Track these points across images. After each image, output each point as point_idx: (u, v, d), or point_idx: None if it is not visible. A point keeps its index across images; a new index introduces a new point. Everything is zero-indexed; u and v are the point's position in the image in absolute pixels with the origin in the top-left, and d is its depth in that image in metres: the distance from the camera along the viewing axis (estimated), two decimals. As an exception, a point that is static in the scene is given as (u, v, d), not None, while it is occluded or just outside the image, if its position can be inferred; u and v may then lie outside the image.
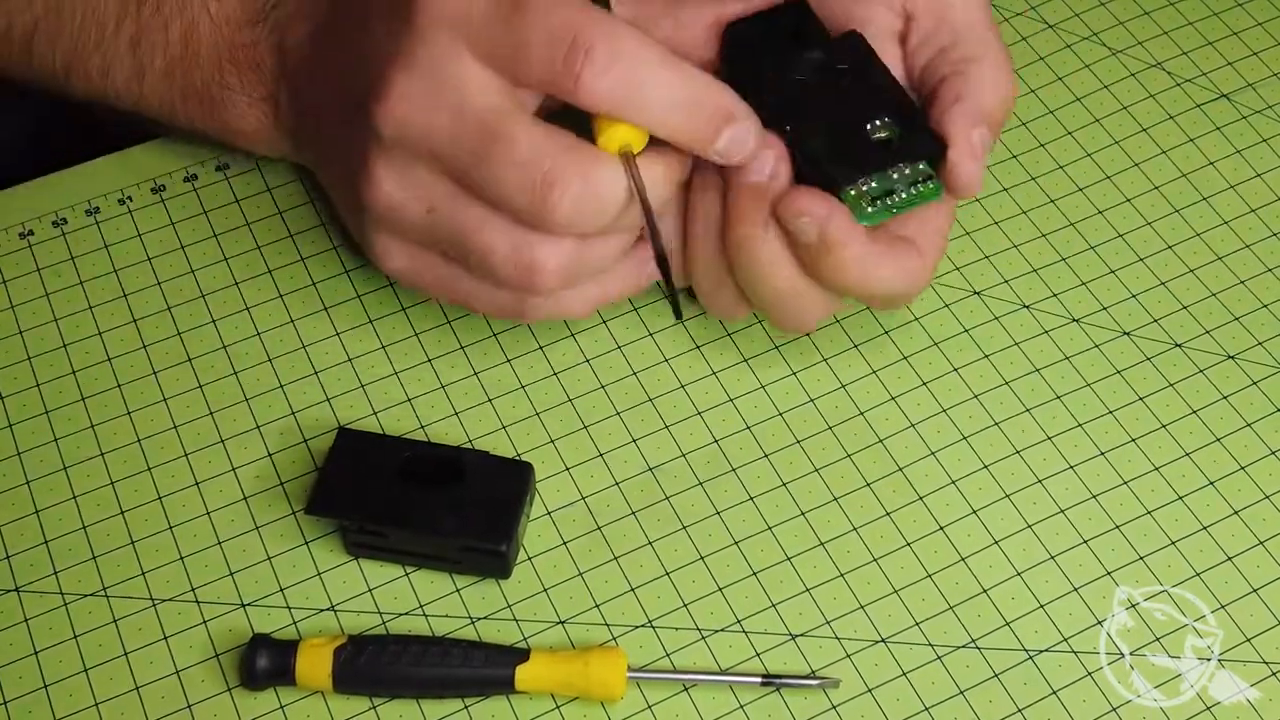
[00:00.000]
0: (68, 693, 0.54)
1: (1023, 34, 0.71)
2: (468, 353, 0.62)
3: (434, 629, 0.56)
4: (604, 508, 0.58)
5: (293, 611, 0.56)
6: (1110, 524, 0.58)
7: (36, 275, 0.64)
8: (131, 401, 0.60)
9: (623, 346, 0.62)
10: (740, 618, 0.56)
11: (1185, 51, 0.71)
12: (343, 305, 0.63)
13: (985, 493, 0.59)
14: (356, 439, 0.57)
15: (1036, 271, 0.64)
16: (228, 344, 0.62)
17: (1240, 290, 0.64)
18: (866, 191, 0.55)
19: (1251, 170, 0.67)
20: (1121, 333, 0.63)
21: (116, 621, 0.56)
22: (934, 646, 0.55)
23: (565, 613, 0.56)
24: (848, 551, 0.57)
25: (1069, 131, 0.68)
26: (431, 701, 0.54)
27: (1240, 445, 0.60)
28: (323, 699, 0.54)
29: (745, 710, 0.54)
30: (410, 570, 0.57)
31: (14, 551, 0.57)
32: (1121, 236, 0.65)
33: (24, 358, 0.62)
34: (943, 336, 0.62)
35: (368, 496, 0.56)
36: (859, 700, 0.54)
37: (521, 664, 0.53)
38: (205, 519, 0.58)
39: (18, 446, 0.59)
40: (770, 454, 0.60)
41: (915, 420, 0.60)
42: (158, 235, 0.65)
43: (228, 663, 0.55)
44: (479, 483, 0.56)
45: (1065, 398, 0.61)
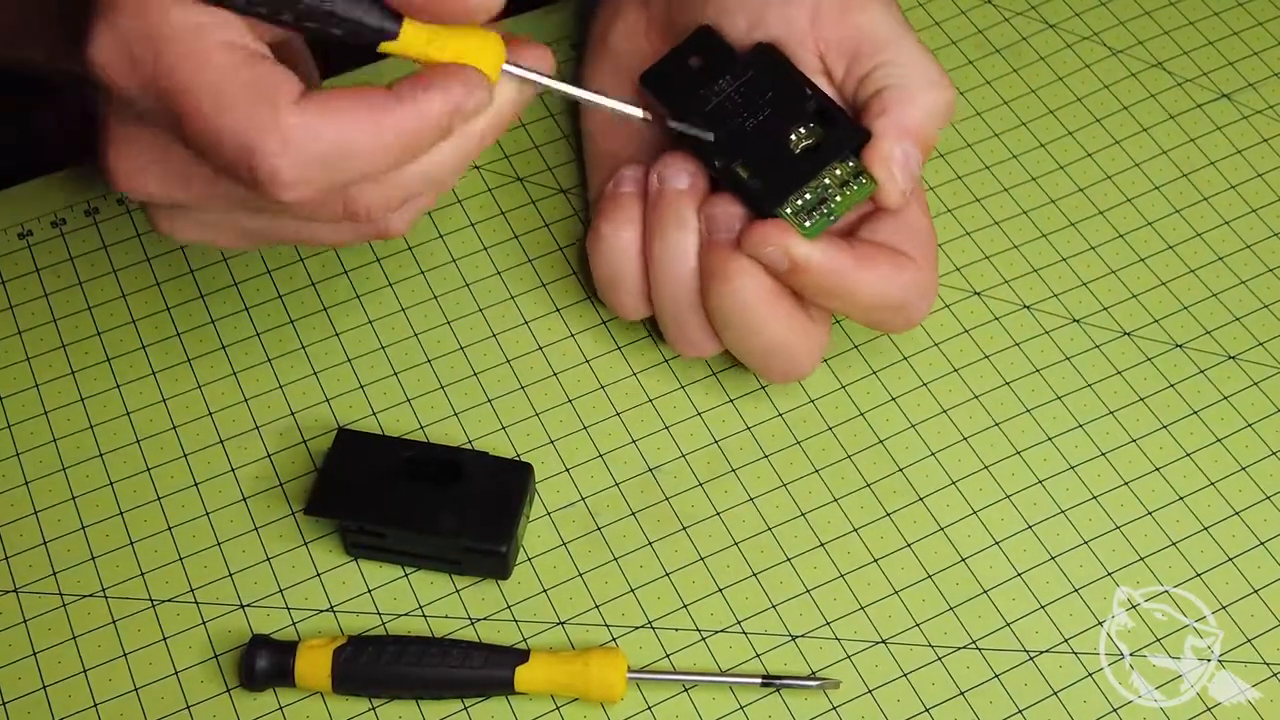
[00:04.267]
0: (67, 694, 0.54)
1: (1023, 34, 0.71)
2: (467, 353, 0.62)
3: (433, 630, 0.56)
4: (604, 508, 0.58)
5: (292, 612, 0.56)
6: (1111, 524, 0.58)
7: (35, 275, 0.64)
8: (130, 402, 0.60)
9: (623, 347, 0.62)
10: (740, 618, 0.56)
11: (1186, 51, 0.71)
12: (342, 305, 0.63)
13: (986, 493, 0.59)
14: (356, 439, 0.57)
15: (1037, 272, 0.64)
16: (227, 344, 0.62)
17: (1241, 290, 0.64)
18: (802, 206, 0.56)
19: (1252, 170, 0.67)
20: (1122, 333, 0.63)
21: (116, 622, 0.56)
22: (934, 647, 0.55)
23: (565, 613, 0.56)
24: (848, 552, 0.57)
25: (1069, 131, 0.68)
26: (431, 702, 0.54)
27: (1241, 446, 0.60)
28: (322, 700, 0.54)
29: (745, 711, 0.54)
30: (410, 571, 0.57)
31: (13, 552, 0.57)
32: (1122, 237, 0.65)
33: (23, 358, 0.61)
34: (943, 337, 0.62)
35: (367, 497, 0.56)
36: (859, 701, 0.54)
37: (521, 665, 0.53)
38: (204, 519, 0.58)
39: (17, 447, 0.59)
40: (770, 454, 0.59)
41: (915, 421, 0.60)
42: (157, 235, 0.65)
43: (227, 663, 0.55)
44: (479, 483, 0.56)
45: (1066, 398, 0.61)
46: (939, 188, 0.66)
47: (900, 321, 0.58)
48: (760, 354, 0.58)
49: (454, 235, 0.65)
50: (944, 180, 0.67)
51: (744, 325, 0.57)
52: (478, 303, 0.63)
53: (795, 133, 0.56)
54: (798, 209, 0.55)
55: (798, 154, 0.56)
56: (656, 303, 0.58)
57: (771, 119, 0.57)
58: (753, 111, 0.57)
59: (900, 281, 0.56)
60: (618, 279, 0.59)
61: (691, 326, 0.58)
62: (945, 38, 0.71)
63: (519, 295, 0.63)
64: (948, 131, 0.68)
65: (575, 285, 0.63)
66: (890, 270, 0.56)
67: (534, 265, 0.64)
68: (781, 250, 0.55)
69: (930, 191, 0.66)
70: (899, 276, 0.56)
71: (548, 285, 0.63)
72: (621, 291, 0.59)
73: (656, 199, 0.58)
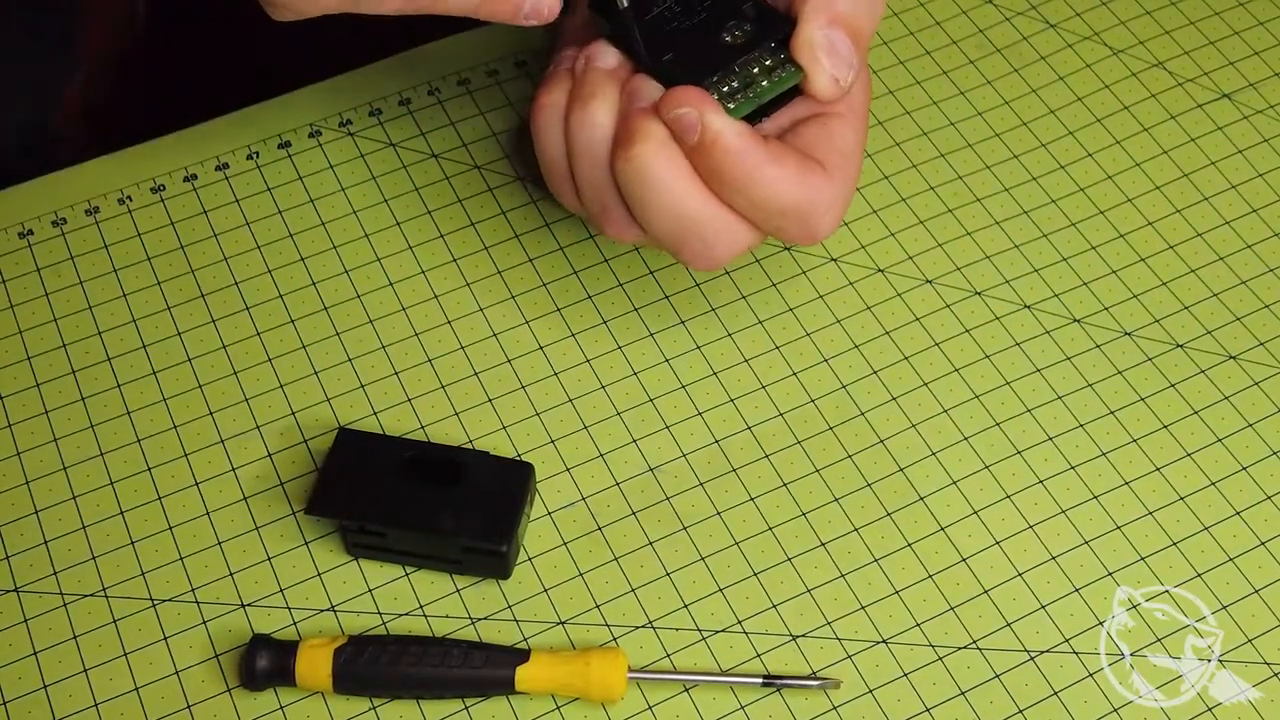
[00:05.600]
0: (67, 693, 0.54)
1: (1024, 33, 0.71)
2: (468, 353, 0.62)
3: (434, 629, 0.56)
4: (604, 508, 0.58)
5: (293, 612, 0.56)
6: (1111, 524, 0.58)
7: (36, 275, 0.64)
8: (131, 401, 0.60)
9: (623, 347, 0.62)
10: (741, 618, 0.56)
11: (1187, 51, 0.71)
12: (343, 305, 0.63)
13: (986, 493, 0.59)
14: (357, 439, 0.57)
15: (1038, 271, 0.64)
16: (228, 344, 0.62)
17: (1242, 290, 0.64)
18: (728, 92, 0.56)
19: (1253, 170, 0.67)
20: (1123, 333, 0.63)
21: (116, 622, 0.56)
22: (935, 647, 0.55)
23: (565, 613, 0.56)
24: (848, 552, 0.57)
25: (1070, 131, 0.68)
26: (432, 702, 0.54)
27: (1242, 445, 0.60)
28: (323, 699, 0.54)
29: (746, 711, 0.54)
30: (410, 570, 0.57)
31: (14, 552, 0.57)
32: (1123, 236, 0.65)
33: (23, 357, 0.61)
34: (944, 337, 0.62)
35: (368, 497, 0.56)
36: (860, 701, 0.54)
37: (522, 664, 0.53)
38: (205, 519, 0.58)
39: (17, 446, 0.59)
40: (771, 454, 0.59)
41: (916, 421, 0.60)
42: (157, 235, 0.65)
43: (227, 663, 0.55)
44: (479, 483, 0.56)
45: (1066, 398, 0.61)
46: (940, 187, 0.66)
47: (799, 232, 0.56)
48: (671, 235, 0.56)
49: (454, 235, 0.65)
50: (945, 180, 0.67)
51: (648, 195, 0.55)
52: (478, 302, 0.63)
53: (731, 34, 0.57)
54: (724, 94, 0.56)
55: (729, 49, 0.56)
56: (575, 177, 0.58)
57: (708, 21, 0.57)
58: (691, 16, 0.57)
59: (804, 185, 0.55)
60: (550, 157, 0.59)
61: (609, 203, 0.57)
62: (946, 37, 0.71)
63: (519, 295, 0.63)
64: (949, 131, 0.68)
65: (576, 284, 0.63)
66: (796, 173, 0.55)
67: (534, 265, 0.64)
68: (696, 115, 0.54)
69: (931, 191, 0.66)
70: (804, 180, 0.55)
71: (548, 285, 0.63)
72: (554, 175, 0.59)
73: (581, 74, 0.58)
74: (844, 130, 0.57)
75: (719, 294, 0.63)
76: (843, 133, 0.57)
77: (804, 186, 0.55)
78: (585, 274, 0.64)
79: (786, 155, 0.55)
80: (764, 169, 0.55)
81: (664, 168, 0.55)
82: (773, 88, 0.56)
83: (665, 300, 0.63)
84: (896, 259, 0.64)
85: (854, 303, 0.63)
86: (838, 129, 0.57)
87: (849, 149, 0.57)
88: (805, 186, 0.55)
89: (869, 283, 0.64)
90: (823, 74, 0.56)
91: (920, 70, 0.70)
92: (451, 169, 0.67)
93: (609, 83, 0.57)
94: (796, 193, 0.55)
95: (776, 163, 0.55)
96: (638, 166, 0.55)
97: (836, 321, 0.62)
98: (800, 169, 0.55)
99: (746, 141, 0.54)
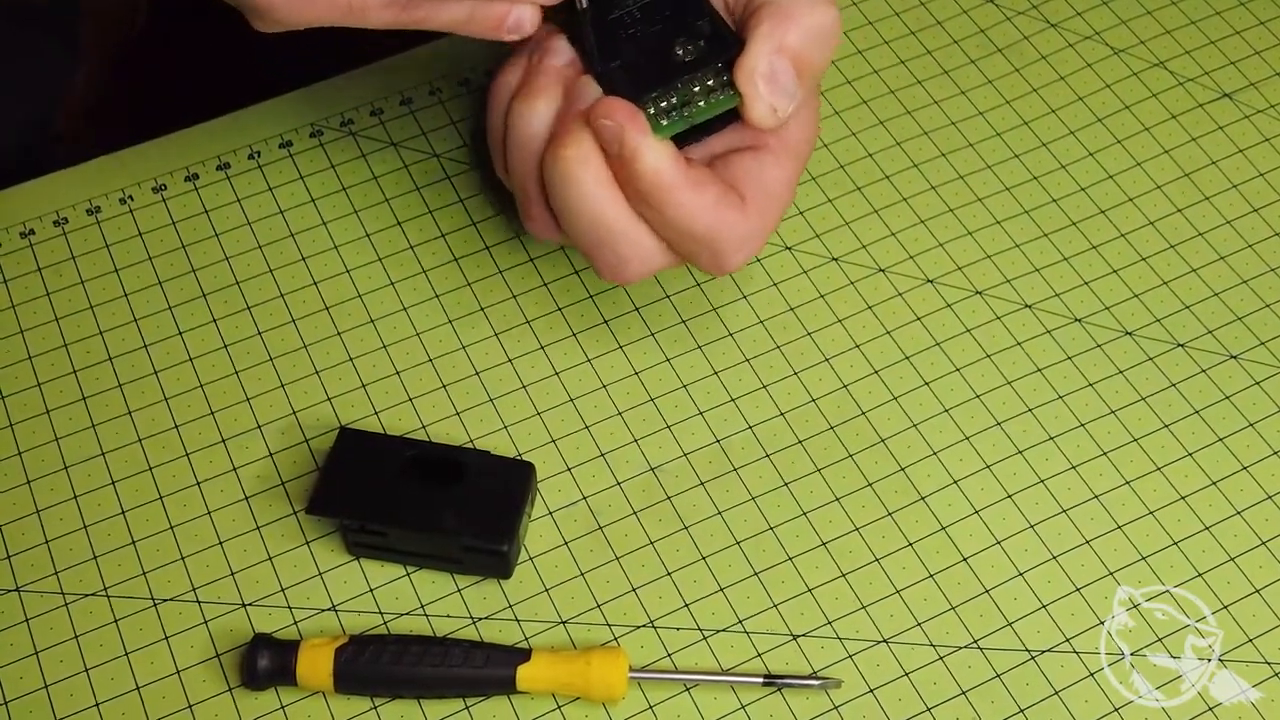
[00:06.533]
0: (68, 693, 0.54)
1: (1025, 33, 0.71)
2: (469, 352, 0.62)
3: (435, 629, 0.56)
4: (605, 507, 0.58)
5: (294, 611, 0.56)
6: (1112, 524, 0.58)
7: (37, 274, 0.64)
8: (132, 401, 0.60)
9: (624, 346, 0.62)
10: (742, 618, 0.56)
11: (1187, 50, 0.71)
12: (344, 305, 0.63)
13: (987, 493, 0.59)
14: (357, 439, 0.57)
15: (1038, 271, 0.64)
16: (228, 343, 0.62)
17: (1243, 290, 0.64)
18: (665, 108, 0.56)
19: (1254, 169, 0.67)
20: (1124, 332, 0.63)
21: (117, 621, 0.56)
22: (936, 647, 0.55)
23: (566, 613, 0.56)
24: (849, 551, 0.57)
25: (1071, 131, 0.68)
26: (432, 701, 0.54)
27: (1242, 445, 0.60)
28: (324, 699, 0.54)
29: (747, 710, 0.54)
30: (411, 570, 0.57)
31: (14, 551, 0.57)
32: (1124, 236, 0.65)
33: (25, 357, 0.62)
34: (944, 336, 0.62)
35: (369, 496, 0.56)
36: (861, 700, 0.54)
37: (523, 664, 0.53)
38: (206, 519, 0.58)
39: (18, 446, 0.59)
40: (771, 454, 0.59)
41: (917, 420, 0.60)
42: (158, 234, 0.65)
43: (229, 663, 0.55)
44: (480, 482, 0.56)
45: (1067, 397, 0.61)
46: (941, 187, 0.66)
47: (709, 261, 0.56)
48: (587, 241, 0.56)
49: (455, 234, 0.65)
50: (946, 179, 0.67)
51: (569, 196, 0.56)
52: (479, 301, 0.63)
53: (683, 48, 0.56)
54: (660, 110, 0.55)
55: (676, 65, 0.56)
56: (508, 160, 0.58)
57: (663, 33, 0.57)
58: (648, 27, 0.57)
59: (718, 216, 0.55)
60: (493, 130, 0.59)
61: (533, 194, 0.58)
62: (947, 37, 0.71)
63: (520, 294, 0.63)
64: (949, 131, 0.68)
65: (577, 284, 0.63)
66: (714, 202, 0.55)
67: (535, 265, 0.64)
68: (619, 130, 0.54)
69: (932, 190, 0.66)
70: (719, 211, 0.55)
71: (549, 284, 0.64)
72: (493, 147, 0.60)
73: (532, 66, 0.58)
74: (774, 167, 0.57)
75: (720, 293, 0.63)
76: (773, 170, 0.57)
77: (717, 218, 0.55)
78: (586, 273, 0.64)
79: (707, 183, 0.55)
80: (679, 193, 0.55)
81: (587, 173, 0.55)
82: (708, 109, 0.56)
83: (666, 300, 0.63)
84: (897, 258, 0.64)
85: (855, 302, 0.63)
86: (769, 165, 0.57)
87: (775, 188, 0.57)
88: (718, 218, 0.55)
89: (870, 282, 0.64)
90: (760, 101, 0.55)
91: (921, 70, 0.70)
92: (453, 169, 0.67)
93: (555, 81, 0.57)
94: (708, 222, 0.55)
95: (694, 188, 0.55)
96: (563, 169, 0.55)
97: (837, 321, 0.63)
98: (718, 200, 0.55)
99: (665, 163, 0.54)
